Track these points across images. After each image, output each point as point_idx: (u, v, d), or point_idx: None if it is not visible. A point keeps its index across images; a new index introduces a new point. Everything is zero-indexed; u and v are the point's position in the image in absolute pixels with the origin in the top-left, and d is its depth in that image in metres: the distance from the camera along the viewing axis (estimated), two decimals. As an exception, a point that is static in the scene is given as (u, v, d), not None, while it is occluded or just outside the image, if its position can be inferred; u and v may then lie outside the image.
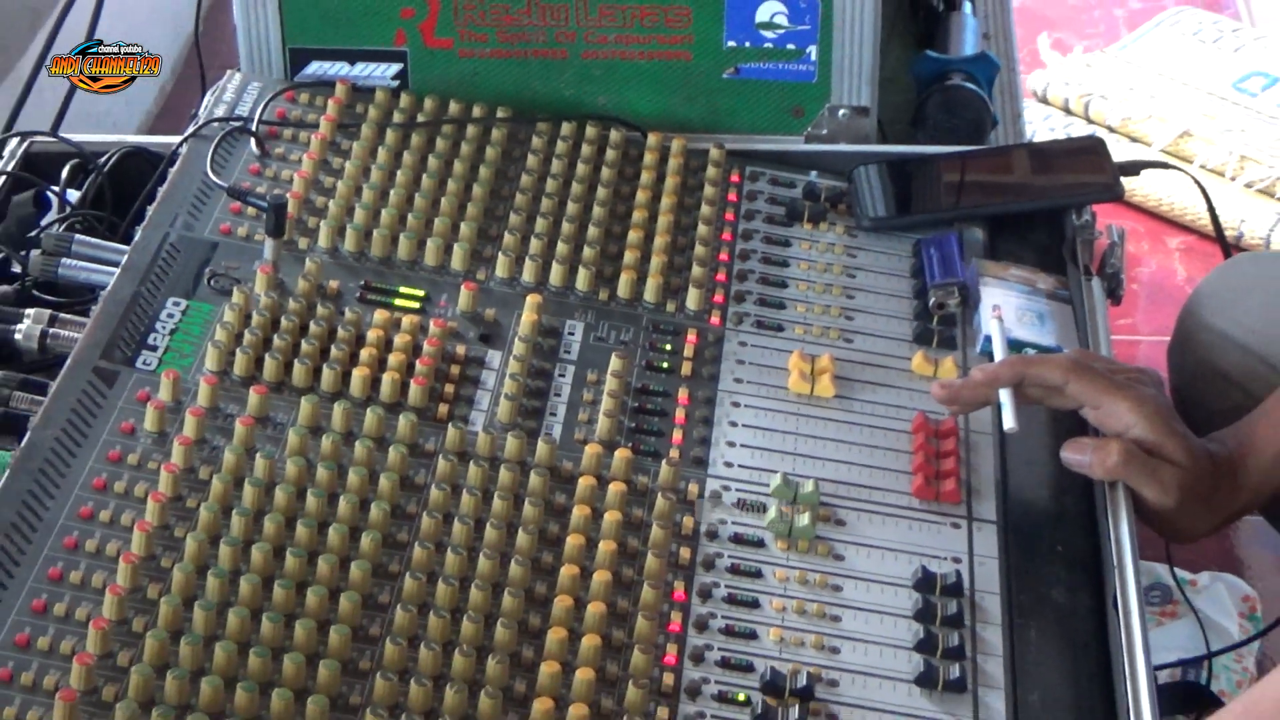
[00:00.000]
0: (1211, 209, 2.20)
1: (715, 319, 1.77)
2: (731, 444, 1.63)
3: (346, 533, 1.44)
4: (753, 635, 1.46)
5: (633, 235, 1.83)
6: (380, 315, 1.68)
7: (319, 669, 1.34)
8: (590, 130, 1.96)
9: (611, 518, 1.50)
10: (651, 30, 1.98)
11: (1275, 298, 1.93)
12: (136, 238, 1.76)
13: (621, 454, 1.57)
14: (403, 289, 1.74)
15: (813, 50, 1.99)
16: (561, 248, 1.79)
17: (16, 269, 1.83)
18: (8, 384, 1.65)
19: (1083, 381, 1.63)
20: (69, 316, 1.72)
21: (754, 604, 1.48)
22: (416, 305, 1.72)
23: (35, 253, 1.81)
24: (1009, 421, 1.62)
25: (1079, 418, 1.66)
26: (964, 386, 1.66)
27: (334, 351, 1.62)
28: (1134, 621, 1.50)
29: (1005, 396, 1.63)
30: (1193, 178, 2.32)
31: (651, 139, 1.96)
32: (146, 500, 1.45)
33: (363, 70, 2.00)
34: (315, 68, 2.00)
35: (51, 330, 1.71)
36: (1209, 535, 1.72)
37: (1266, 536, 2.39)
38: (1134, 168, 2.03)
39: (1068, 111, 3.25)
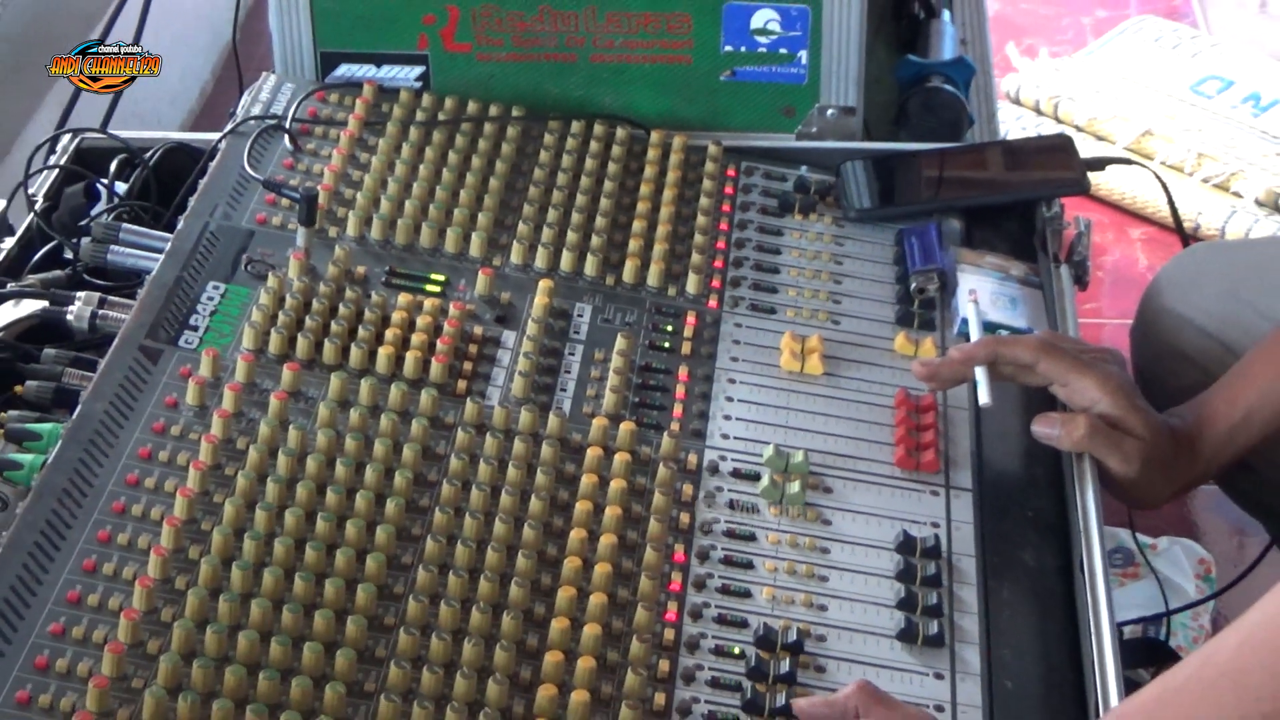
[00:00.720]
0: (1171, 202, 2.20)
1: (713, 302, 1.76)
2: (728, 417, 1.63)
3: (372, 499, 1.44)
4: (747, 594, 1.46)
5: (637, 225, 1.83)
6: (404, 298, 1.68)
7: (347, 625, 1.34)
8: (598, 128, 1.96)
9: (617, 485, 1.50)
10: (654, 36, 1.98)
11: (1229, 284, 1.93)
12: (179, 226, 1.76)
13: (626, 426, 1.57)
14: (425, 274, 1.73)
15: (803, 55, 1.99)
16: (571, 236, 1.79)
17: (69, 255, 1.83)
18: (60, 361, 1.66)
19: (1052, 360, 1.63)
20: (117, 299, 1.73)
21: (748, 565, 1.48)
22: (437, 289, 1.72)
23: (86, 240, 1.81)
24: (984, 397, 1.62)
25: (1048, 394, 1.66)
26: (942, 365, 1.66)
27: (361, 332, 1.62)
28: (1098, 582, 1.50)
29: (980, 374, 1.63)
30: (1154, 173, 2.32)
31: (654, 136, 1.96)
32: (188, 469, 1.45)
33: (388, 72, 2.00)
34: (344, 70, 2.00)
35: (100, 312, 1.71)
36: (1168, 502, 1.72)
37: (1221, 504, 2.38)
38: (1099, 164, 2.03)
39: (1038, 112, 3.25)
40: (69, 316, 1.71)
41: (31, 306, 1.73)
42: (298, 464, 1.47)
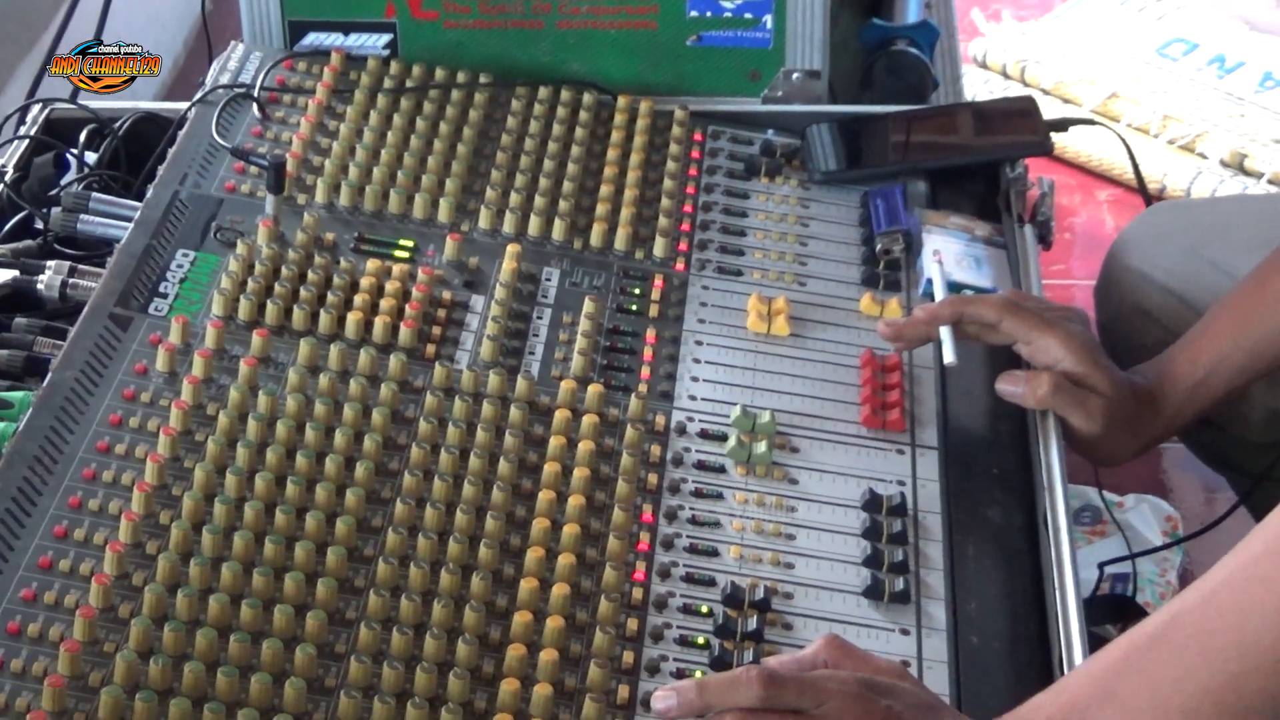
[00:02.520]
0: (1135, 163, 2.21)
1: (680, 265, 1.76)
2: (695, 379, 1.63)
3: (342, 462, 1.44)
4: (715, 553, 1.46)
5: (604, 189, 1.83)
6: (373, 264, 1.67)
7: (318, 588, 1.34)
8: (565, 94, 1.95)
9: (585, 447, 1.50)
10: (621, 1, 1.98)
11: (1192, 242, 1.94)
12: (149, 195, 1.75)
13: (594, 389, 1.57)
14: (393, 240, 1.73)
15: (769, 19, 1.99)
16: (539, 201, 1.79)
17: (39, 224, 1.83)
18: (31, 329, 1.66)
19: (1016, 319, 1.63)
20: (87, 268, 1.72)
21: (716, 524, 1.49)
22: (406, 255, 1.72)
23: (56, 210, 1.81)
24: (949, 356, 1.62)
25: (1013, 353, 1.66)
26: (908, 325, 1.66)
27: (330, 297, 1.62)
28: (1063, 538, 1.51)
29: (945, 333, 1.63)
30: (1119, 134, 2.33)
31: (621, 102, 1.96)
32: (158, 435, 1.45)
33: (356, 40, 2.00)
34: (312, 38, 2.00)
35: (71, 280, 1.71)
36: (1131, 459, 1.72)
37: (1187, 462, 2.39)
38: (1063, 125, 2.03)
39: (1005, 75, 3.25)
40: (39, 285, 1.71)
41: (2, 276, 1.72)
42: (268, 429, 1.47)
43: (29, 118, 1.98)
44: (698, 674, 1.35)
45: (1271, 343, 1.69)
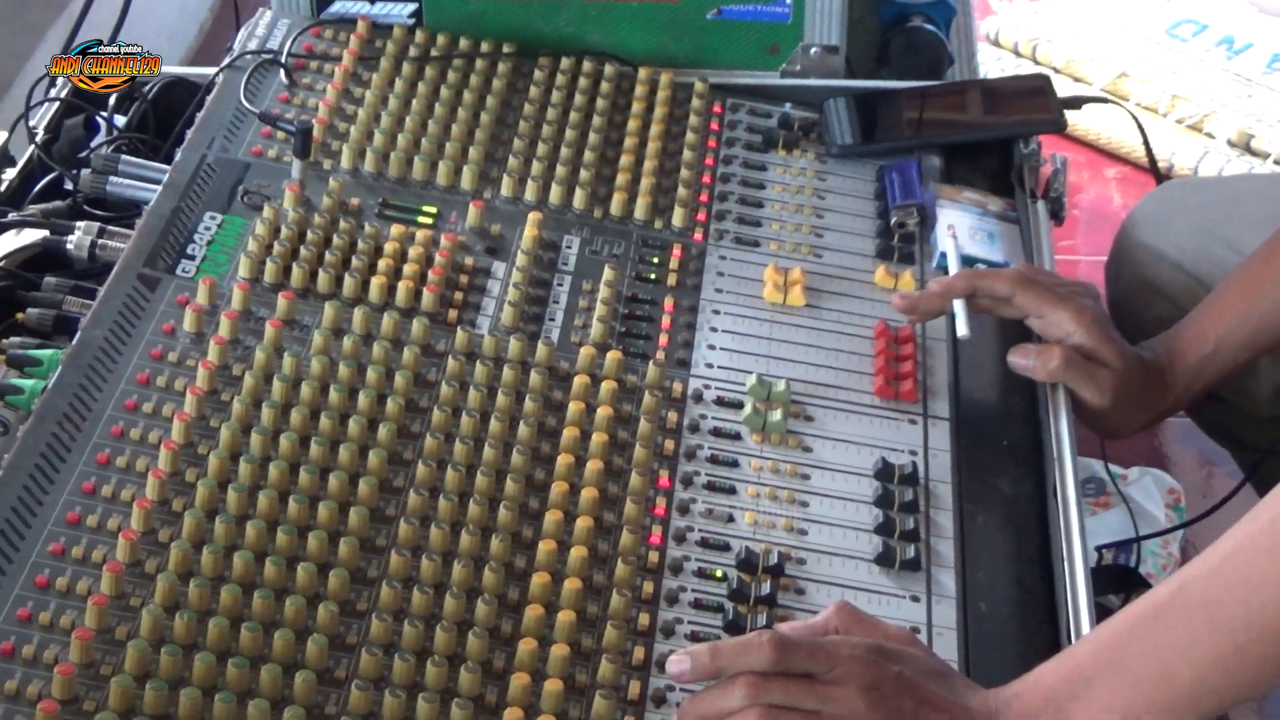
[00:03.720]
0: (1146, 141, 2.20)
1: (698, 235, 1.76)
2: (712, 347, 1.63)
3: (365, 424, 1.44)
4: (730, 518, 1.46)
5: (624, 160, 1.82)
6: (396, 229, 1.67)
7: (340, 546, 1.34)
8: (587, 65, 1.95)
9: (604, 412, 1.50)
10: (643, -26, 1.98)
11: (1202, 220, 1.93)
12: (177, 158, 1.75)
13: (613, 355, 1.56)
14: (417, 206, 1.73)
15: (788, -6, 1.98)
16: (560, 170, 1.79)
17: (69, 186, 1.82)
18: (61, 289, 1.65)
19: (1028, 293, 1.63)
20: (116, 229, 1.72)
21: (731, 490, 1.48)
22: (429, 221, 1.71)
23: (85, 171, 1.81)
24: (962, 329, 1.62)
25: (1024, 326, 1.66)
26: (922, 297, 1.66)
27: (354, 262, 1.62)
28: (1071, 509, 1.51)
29: (959, 306, 1.63)
30: (1129, 113, 2.32)
31: (642, 74, 1.95)
32: (185, 394, 1.45)
33: (381, 9, 1.99)
34: (339, 6, 1.99)
35: (100, 241, 1.71)
36: (1139, 432, 1.72)
37: (1191, 436, 2.39)
38: (1075, 102, 2.03)
39: (1017, 53, 3.24)
40: (69, 246, 1.71)
41: (32, 236, 1.72)
42: (292, 390, 1.46)
43: (58, 81, 1.98)
44: (712, 638, 1.35)
45: (1278, 317, 1.68)
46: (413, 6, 1.99)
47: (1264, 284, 1.69)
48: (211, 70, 1.91)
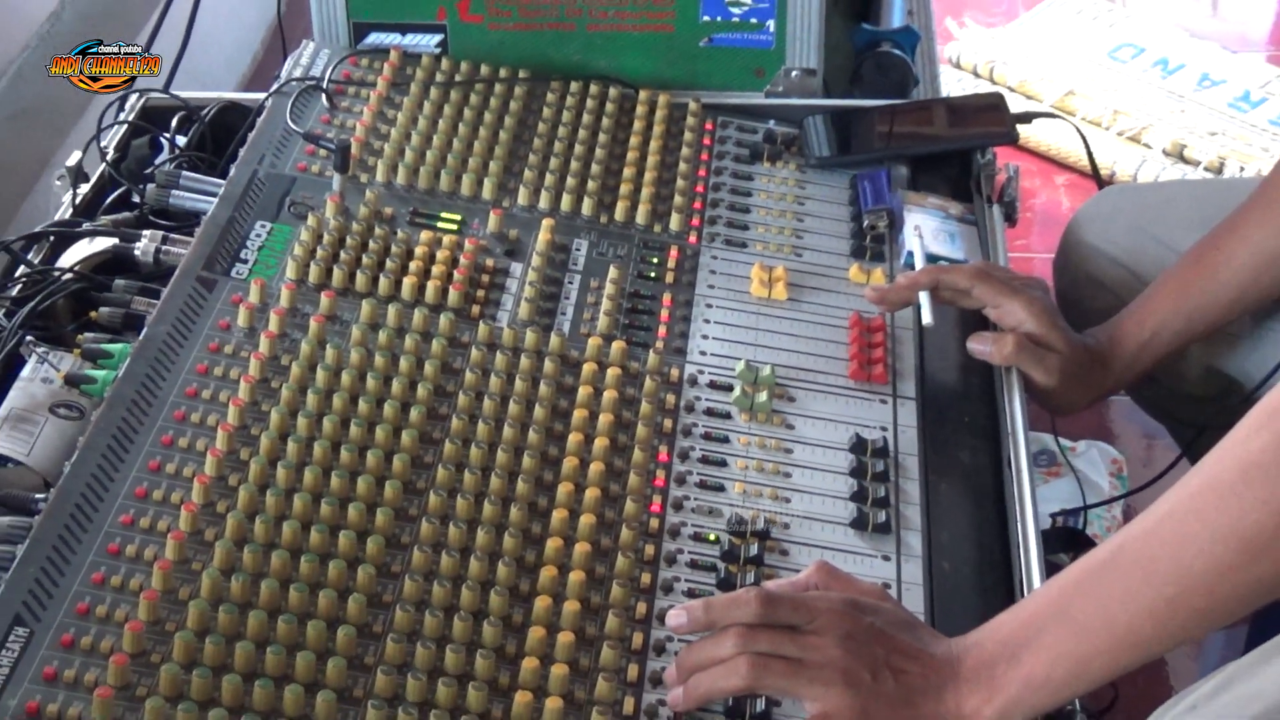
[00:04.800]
0: (1089, 152, 2.20)
1: (693, 238, 1.76)
2: (705, 337, 1.62)
3: (398, 408, 1.44)
4: (721, 488, 1.46)
5: (627, 171, 1.82)
6: (425, 235, 1.67)
7: (376, 516, 1.34)
8: (593, 88, 1.94)
9: (609, 395, 1.50)
10: (642, 7, 1.96)
11: (1139, 221, 1.93)
12: (231, 174, 1.75)
13: (617, 345, 1.56)
14: (443, 214, 1.72)
15: (771, 23, 1.97)
16: (570, 181, 1.78)
17: (136, 199, 1.82)
18: (129, 290, 1.65)
19: (985, 286, 1.62)
20: (177, 237, 1.72)
21: (722, 463, 1.48)
22: (454, 227, 1.71)
23: (151, 186, 1.81)
24: (926, 318, 1.61)
25: (982, 316, 1.66)
26: (891, 290, 1.66)
27: (388, 264, 1.61)
28: (1024, 478, 1.50)
29: (924, 298, 1.63)
30: (1075, 127, 2.31)
31: (642, 95, 1.95)
32: (239, 382, 1.45)
33: (412, 40, 1.98)
34: (373, 38, 1.98)
35: (163, 248, 1.71)
36: (1083, 409, 1.72)
37: (1132, 413, 2.39)
38: (1027, 118, 2.02)
39: (976, 74, 3.24)
40: (136, 252, 1.70)
41: (104, 243, 1.72)
42: (333, 378, 1.46)
43: (127, 105, 1.98)
44: (706, 594, 1.34)
45: (1207, 309, 1.69)
46: (439, 38, 1.98)
47: (1195, 281, 1.69)
48: (261, 95, 1.90)
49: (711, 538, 1.41)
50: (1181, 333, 1.69)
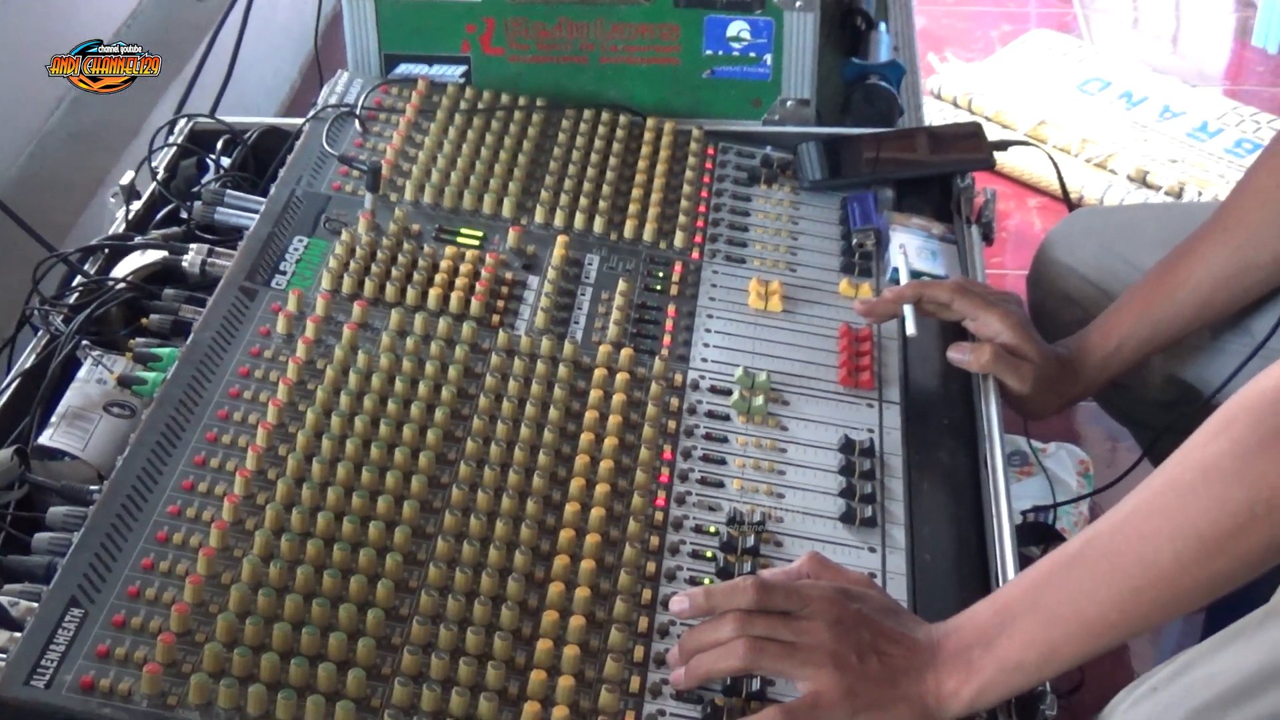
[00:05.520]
0: (1060, 177, 2.20)
1: (695, 254, 1.75)
2: (706, 345, 1.62)
3: (424, 408, 1.44)
4: (720, 484, 1.45)
5: (635, 192, 1.82)
6: (450, 250, 1.67)
7: (404, 507, 1.34)
8: (604, 116, 1.94)
9: (618, 398, 1.50)
10: (650, 42, 1.96)
11: (1106, 241, 1.92)
12: (271, 192, 1.75)
13: (626, 351, 1.56)
14: (466, 230, 1.72)
15: (768, 57, 1.97)
16: (583, 201, 1.78)
17: (184, 215, 1.82)
18: (177, 299, 1.65)
19: (965, 300, 1.63)
20: (222, 250, 1.72)
21: (721, 462, 1.48)
22: (476, 243, 1.71)
23: (197, 204, 1.80)
24: (910, 329, 1.61)
25: (962, 328, 1.66)
26: (878, 303, 1.65)
27: (415, 276, 1.61)
28: (999, 476, 1.50)
29: (908, 310, 1.63)
30: (1047, 154, 2.31)
31: (649, 123, 1.94)
32: (277, 384, 1.45)
33: (438, 70, 1.99)
34: (403, 68, 1.99)
35: (209, 260, 1.70)
36: (1054, 414, 1.72)
37: (1098, 417, 2.38)
38: (1003, 145, 2.02)
39: (956, 105, 3.23)
40: (184, 264, 1.70)
41: (154, 256, 1.72)
42: (364, 381, 1.46)
43: (176, 129, 1.98)
44: (706, 581, 1.34)
45: (1169, 323, 1.69)
46: (463, 68, 1.98)
47: (1158, 297, 1.69)
48: (300, 121, 1.90)
49: (712, 530, 1.40)
50: (1145, 344, 1.69)
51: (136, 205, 1.85)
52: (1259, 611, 1.31)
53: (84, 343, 1.59)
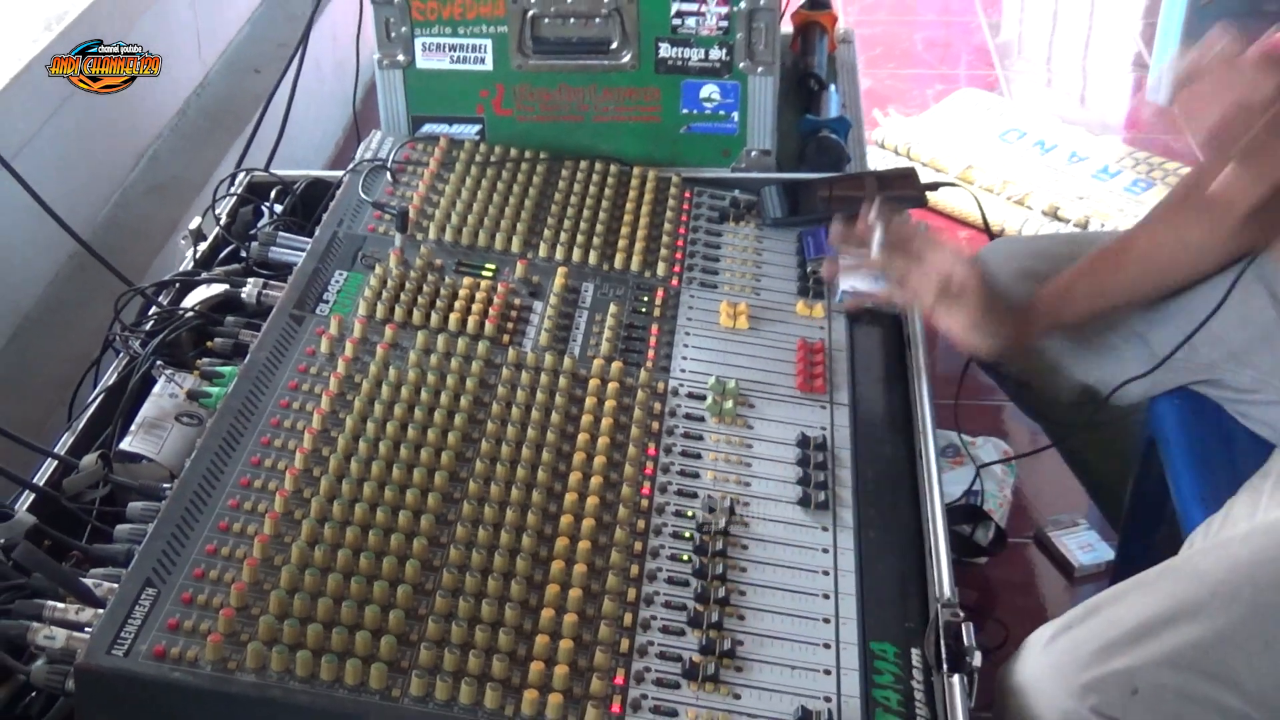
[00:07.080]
0: (983, 213, 2.21)
1: (675, 281, 1.75)
2: (685, 358, 1.62)
3: (446, 414, 1.43)
4: (696, 475, 1.45)
5: (624, 230, 1.81)
6: (467, 280, 1.66)
7: (428, 498, 1.33)
8: (598, 165, 1.93)
9: (610, 404, 1.49)
10: (635, 103, 1.96)
11: (1022, 265, 1.92)
12: (317, 234, 1.74)
13: (616, 365, 1.55)
14: (481, 264, 1.72)
15: (735, 115, 1.97)
16: (580, 237, 1.78)
17: (243, 254, 1.82)
18: (237, 325, 1.65)
19: (926, 235, 1.64)
20: (275, 283, 1.71)
21: (697, 456, 1.47)
22: (490, 274, 1.70)
23: (254, 244, 1.80)
24: (875, 251, 1.61)
25: (903, 339, 1.65)
26: (852, 232, 1.67)
27: (438, 303, 1.61)
28: (932, 466, 1.50)
29: (878, 232, 1.63)
30: (972, 193, 2.32)
31: (636, 171, 1.94)
32: (321, 396, 1.44)
33: (457, 129, 1.98)
34: (427, 128, 1.98)
35: (264, 291, 1.70)
36: (996, 355, 1.69)
37: (1019, 415, 2.37)
38: (935, 186, 2.02)
39: (896, 153, 3.23)
40: (243, 295, 1.70)
41: (218, 288, 1.72)
42: (395, 392, 1.46)
43: (236, 181, 1.98)
44: (685, 559, 1.34)
45: (1115, 286, 1.67)
46: (478, 127, 1.98)
47: (1103, 267, 1.67)
48: (340, 173, 1.90)
49: (689, 514, 1.40)
50: (1096, 296, 1.67)
51: (203, 246, 1.84)
52: (1160, 565, 1.32)
53: (158, 363, 1.59)
